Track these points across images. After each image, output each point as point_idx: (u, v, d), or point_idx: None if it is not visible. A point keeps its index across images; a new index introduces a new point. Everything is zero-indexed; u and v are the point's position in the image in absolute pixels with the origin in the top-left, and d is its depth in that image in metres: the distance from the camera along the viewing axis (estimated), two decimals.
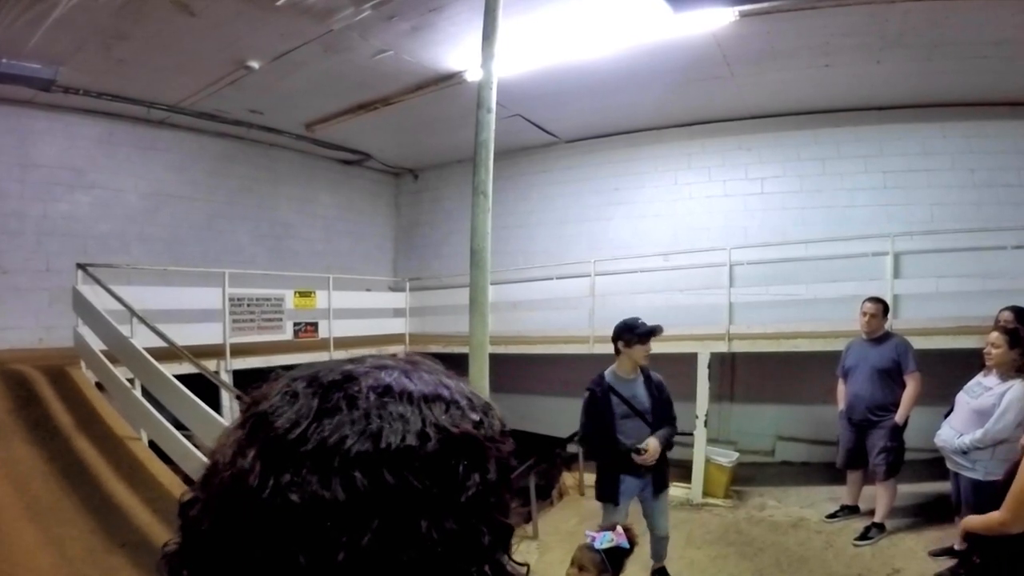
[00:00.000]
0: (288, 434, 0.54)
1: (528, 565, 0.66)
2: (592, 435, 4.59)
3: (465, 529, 0.55)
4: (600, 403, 4.51)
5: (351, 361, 0.63)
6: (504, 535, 0.61)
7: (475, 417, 0.61)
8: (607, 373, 4.66)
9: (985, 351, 4.50)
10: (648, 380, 4.68)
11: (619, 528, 3.49)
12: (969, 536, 2.84)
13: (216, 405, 5.38)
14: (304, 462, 0.52)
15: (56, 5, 5.53)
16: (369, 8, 5.89)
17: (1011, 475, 2.67)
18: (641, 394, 4.59)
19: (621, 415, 4.50)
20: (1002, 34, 6.06)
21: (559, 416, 9.47)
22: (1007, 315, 5.45)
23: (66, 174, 8.13)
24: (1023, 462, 2.55)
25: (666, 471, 4.73)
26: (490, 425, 0.63)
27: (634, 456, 4.38)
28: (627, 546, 3.45)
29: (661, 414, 4.62)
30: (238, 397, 4.57)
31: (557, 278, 9.73)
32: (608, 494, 4.58)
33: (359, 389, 0.57)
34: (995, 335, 4.45)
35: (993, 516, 2.64)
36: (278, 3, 5.72)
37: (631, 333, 4.56)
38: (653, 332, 4.56)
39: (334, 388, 0.57)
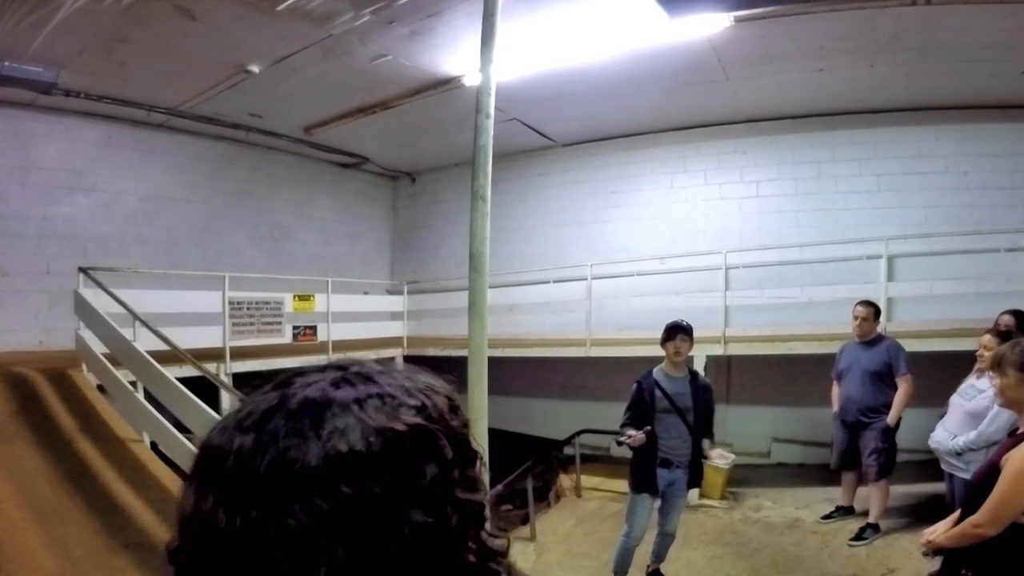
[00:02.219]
0: (237, 472, 0.54)
1: (508, 538, 0.66)
2: (630, 425, 4.65)
3: (433, 515, 0.56)
4: (645, 395, 4.64)
5: (280, 384, 0.62)
6: (475, 511, 0.61)
7: (414, 402, 0.60)
8: (655, 370, 4.78)
9: (978, 353, 4.53)
10: (695, 381, 4.79)
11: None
12: (955, 549, 2.80)
13: (216, 407, 5.41)
14: (260, 497, 0.53)
15: (59, 8, 5.56)
16: (368, 13, 5.94)
17: (982, 476, 2.68)
18: (684, 393, 4.70)
19: (661, 409, 4.62)
20: (993, 38, 6.12)
21: (557, 418, 9.54)
22: (1007, 319, 5.43)
23: (66, 176, 8.16)
24: (1005, 467, 2.54)
25: (700, 469, 4.90)
26: (434, 406, 0.62)
27: (620, 439, 4.58)
28: None
29: (702, 418, 4.75)
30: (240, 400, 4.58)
31: (554, 281, 9.78)
32: (646, 484, 4.70)
33: (289, 411, 0.57)
34: (987, 338, 4.48)
35: (968, 522, 2.64)
36: (278, 8, 5.76)
37: (664, 333, 4.74)
38: (676, 327, 4.71)
39: (266, 418, 0.57)
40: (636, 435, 4.49)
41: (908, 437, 5.76)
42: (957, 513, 2.80)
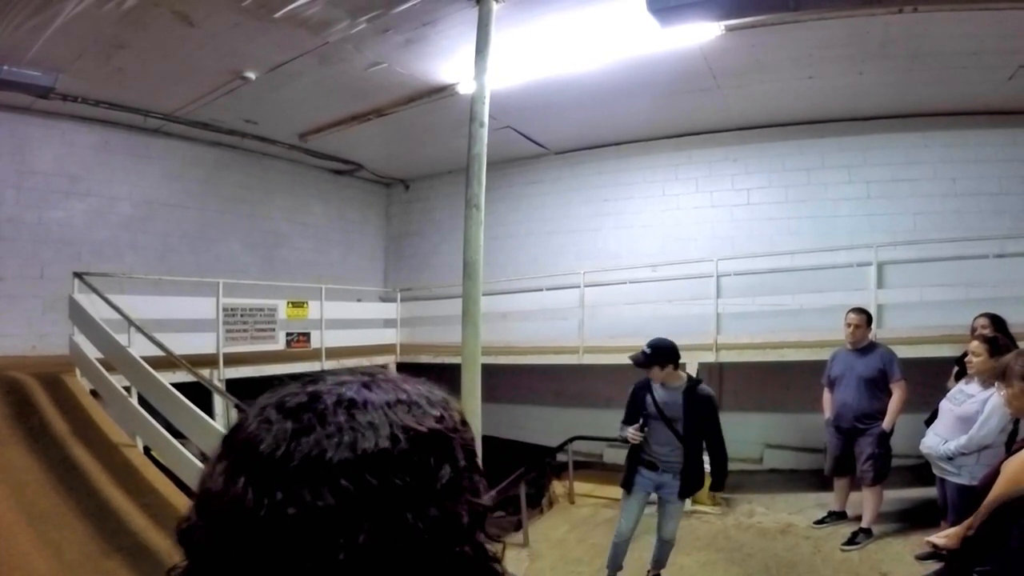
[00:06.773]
0: (272, 456, 0.57)
1: (504, 542, 0.71)
2: (627, 425, 4.82)
3: (445, 514, 0.60)
4: (637, 399, 4.80)
5: (311, 381, 0.67)
6: (479, 514, 0.66)
7: (436, 413, 0.66)
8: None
9: (966, 360, 4.59)
10: (690, 392, 4.69)
11: None
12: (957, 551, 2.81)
13: (210, 412, 5.41)
14: (293, 478, 0.56)
15: (58, 13, 5.58)
16: (364, 21, 5.98)
17: (987, 482, 2.72)
18: (676, 402, 4.68)
19: (649, 415, 4.72)
20: (980, 44, 6.20)
21: (549, 425, 9.56)
22: (982, 321, 5.53)
23: (62, 181, 8.15)
24: (1002, 471, 2.58)
25: (696, 479, 4.83)
26: (451, 417, 0.68)
27: (621, 433, 4.81)
28: None
29: (695, 428, 4.69)
30: (236, 406, 4.60)
31: (547, 289, 9.81)
32: (626, 482, 4.87)
33: (326, 406, 0.61)
34: (975, 344, 4.52)
35: (963, 525, 2.63)
36: (275, 15, 5.79)
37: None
38: None
39: (303, 409, 0.61)
40: (630, 430, 4.69)
41: (899, 442, 5.79)
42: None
